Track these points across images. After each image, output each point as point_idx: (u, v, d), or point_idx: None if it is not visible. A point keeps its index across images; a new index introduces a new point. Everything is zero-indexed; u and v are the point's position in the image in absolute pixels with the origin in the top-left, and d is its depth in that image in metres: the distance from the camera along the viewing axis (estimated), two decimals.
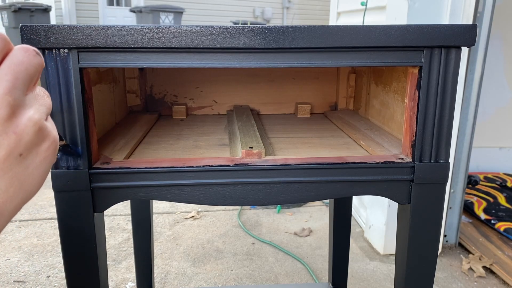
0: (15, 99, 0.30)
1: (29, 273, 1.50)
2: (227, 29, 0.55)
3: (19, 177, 0.31)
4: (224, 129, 0.87)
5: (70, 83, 0.56)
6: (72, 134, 0.58)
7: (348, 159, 0.64)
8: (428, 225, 0.65)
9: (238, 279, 1.50)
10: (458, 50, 0.59)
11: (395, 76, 0.76)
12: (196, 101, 1.01)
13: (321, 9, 9.44)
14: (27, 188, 0.32)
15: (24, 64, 0.31)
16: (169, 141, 0.78)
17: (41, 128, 0.32)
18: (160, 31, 0.55)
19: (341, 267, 1.23)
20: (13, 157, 0.31)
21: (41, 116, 0.33)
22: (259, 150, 0.65)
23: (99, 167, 0.60)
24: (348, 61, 0.59)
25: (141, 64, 0.57)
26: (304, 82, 1.02)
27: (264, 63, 0.58)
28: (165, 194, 0.61)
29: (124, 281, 1.47)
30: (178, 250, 1.68)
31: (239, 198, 0.62)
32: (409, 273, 0.67)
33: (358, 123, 0.89)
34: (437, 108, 0.61)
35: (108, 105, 0.80)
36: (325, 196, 0.64)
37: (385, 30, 0.57)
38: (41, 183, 0.34)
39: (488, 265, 1.56)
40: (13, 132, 0.30)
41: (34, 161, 0.33)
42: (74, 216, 0.59)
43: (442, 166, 0.63)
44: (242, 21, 6.43)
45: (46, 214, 1.98)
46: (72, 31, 0.54)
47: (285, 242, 1.76)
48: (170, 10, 6.71)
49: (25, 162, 0.32)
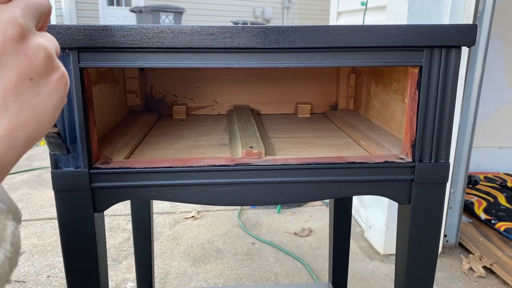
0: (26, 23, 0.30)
1: (29, 273, 1.50)
2: (227, 29, 0.55)
3: (31, 103, 0.31)
4: (224, 129, 0.87)
5: (71, 83, 0.56)
6: (72, 134, 0.58)
7: (348, 159, 0.64)
8: (428, 225, 0.65)
9: (238, 279, 1.50)
10: (458, 50, 0.59)
11: (395, 76, 0.76)
12: (196, 101, 1.01)
13: (321, 9, 9.44)
14: (39, 117, 0.31)
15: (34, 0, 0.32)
16: (169, 141, 0.78)
17: (51, 55, 0.32)
18: (161, 31, 0.55)
19: (341, 267, 1.23)
20: (24, 79, 0.30)
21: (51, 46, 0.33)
22: (259, 150, 0.65)
23: (99, 167, 0.60)
24: (348, 61, 0.59)
25: (141, 64, 0.57)
26: (304, 82, 1.02)
27: (264, 63, 0.58)
28: (165, 194, 0.61)
29: (124, 281, 1.47)
30: (178, 250, 1.68)
31: (239, 198, 0.62)
32: (409, 273, 0.67)
33: (358, 123, 0.89)
34: (437, 108, 0.61)
35: (108, 105, 0.80)
36: (325, 196, 0.64)
37: (385, 30, 0.57)
38: (53, 116, 0.33)
39: (488, 265, 1.56)
40: (24, 53, 0.30)
41: (45, 89, 0.32)
42: (74, 216, 0.60)
43: (442, 166, 0.63)
44: (242, 21, 6.43)
45: (46, 214, 1.99)
46: (72, 31, 0.54)
47: (285, 242, 1.76)
48: (170, 10, 6.71)
49: (36, 89, 0.31)
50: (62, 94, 0.34)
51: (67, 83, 0.34)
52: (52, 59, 0.32)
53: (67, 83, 0.34)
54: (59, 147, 0.56)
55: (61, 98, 0.33)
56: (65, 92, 0.34)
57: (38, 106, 0.31)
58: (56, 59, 0.33)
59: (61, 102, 0.34)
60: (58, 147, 0.56)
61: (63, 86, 0.33)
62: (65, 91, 0.34)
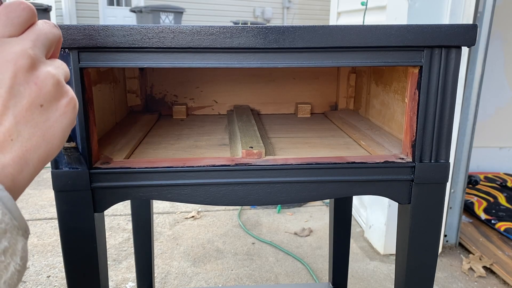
0: (36, 54, 0.33)
1: (30, 273, 1.50)
2: (228, 29, 0.55)
3: (41, 127, 0.33)
4: (225, 129, 0.87)
5: (71, 83, 0.56)
6: (72, 134, 0.58)
7: (348, 159, 0.64)
8: (428, 225, 0.65)
9: (238, 279, 1.50)
10: (458, 50, 0.59)
11: (395, 76, 0.76)
12: (196, 101, 1.01)
13: (321, 9, 9.43)
14: (48, 140, 0.34)
15: (44, 30, 0.35)
16: (169, 141, 0.78)
17: (59, 82, 0.35)
18: (161, 31, 0.55)
19: (341, 267, 1.23)
20: (34, 106, 0.33)
21: (59, 73, 0.35)
22: (259, 150, 0.65)
23: (100, 167, 0.60)
24: (348, 61, 0.59)
25: (142, 64, 0.57)
26: (304, 82, 1.02)
27: (264, 63, 0.58)
28: (166, 194, 0.61)
29: (125, 281, 1.47)
30: (178, 250, 1.68)
31: (239, 198, 0.62)
32: (409, 273, 0.67)
33: (359, 123, 0.89)
34: (437, 108, 0.61)
35: (108, 105, 0.80)
36: (325, 196, 0.64)
37: (385, 30, 0.57)
38: (62, 139, 0.35)
39: (488, 265, 1.56)
40: (34, 83, 0.33)
41: (55, 114, 0.34)
42: (74, 216, 0.59)
43: (442, 166, 0.63)
44: (242, 21, 6.43)
45: (46, 214, 1.99)
46: (73, 31, 0.54)
47: (285, 242, 1.76)
48: (170, 10, 6.71)
49: (46, 114, 0.34)
50: (71, 117, 0.36)
51: (75, 106, 0.37)
52: (60, 85, 0.35)
53: (75, 106, 0.37)
54: (77, 160, 0.58)
55: (70, 120, 0.36)
56: (74, 115, 0.37)
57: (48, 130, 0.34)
58: (65, 85, 0.36)
59: (71, 124, 0.36)
60: (75, 161, 0.58)
61: (71, 110, 0.36)
62: (74, 114, 0.37)
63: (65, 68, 0.37)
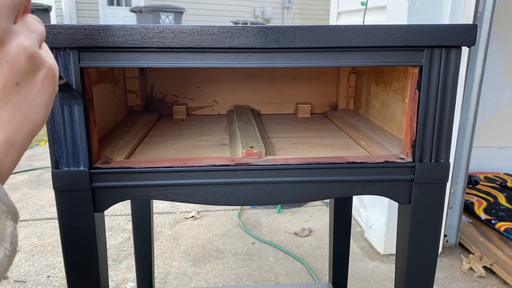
0: (2, 27, 0.29)
1: (30, 273, 1.50)
2: (228, 29, 0.55)
3: (21, 107, 0.31)
4: (225, 129, 0.87)
5: (71, 83, 0.56)
6: (72, 134, 0.58)
7: (348, 159, 0.64)
8: (428, 225, 0.65)
9: (238, 279, 1.50)
10: (458, 50, 0.59)
11: (395, 76, 0.76)
12: (196, 101, 1.01)
13: (321, 9, 9.43)
14: (31, 118, 0.32)
15: None
16: (169, 141, 0.78)
17: (33, 55, 0.31)
18: (161, 31, 0.55)
19: (341, 267, 1.23)
20: (10, 86, 0.30)
21: (32, 43, 0.32)
22: (259, 150, 0.65)
23: (100, 166, 0.60)
24: (348, 61, 0.59)
25: (142, 64, 0.57)
26: (304, 82, 1.02)
27: (264, 63, 0.58)
28: (166, 193, 0.61)
29: (125, 281, 1.47)
30: (179, 250, 1.68)
31: (239, 198, 0.62)
32: (409, 273, 0.67)
33: (359, 123, 0.89)
34: (437, 108, 0.61)
35: (108, 105, 0.80)
36: (325, 196, 0.64)
37: (385, 30, 0.57)
38: (45, 113, 0.33)
39: (489, 265, 1.56)
40: (5, 61, 0.30)
41: (33, 90, 0.32)
42: (74, 216, 0.60)
43: (442, 166, 0.63)
44: (242, 21, 6.43)
45: (46, 214, 1.98)
46: (73, 31, 0.54)
47: (286, 242, 1.76)
48: (170, 10, 6.71)
49: (24, 92, 0.31)
50: (51, 89, 0.34)
51: (54, 76, 0.34)
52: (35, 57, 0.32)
53: (54, 76, 0.34)
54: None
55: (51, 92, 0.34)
56: (55, 85, 0.34)
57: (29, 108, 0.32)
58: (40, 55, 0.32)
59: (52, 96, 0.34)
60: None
61: (50, 81, 0.33)
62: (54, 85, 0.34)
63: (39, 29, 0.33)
